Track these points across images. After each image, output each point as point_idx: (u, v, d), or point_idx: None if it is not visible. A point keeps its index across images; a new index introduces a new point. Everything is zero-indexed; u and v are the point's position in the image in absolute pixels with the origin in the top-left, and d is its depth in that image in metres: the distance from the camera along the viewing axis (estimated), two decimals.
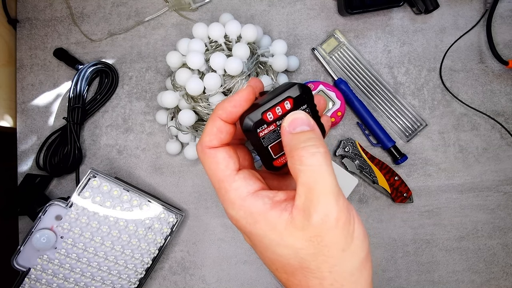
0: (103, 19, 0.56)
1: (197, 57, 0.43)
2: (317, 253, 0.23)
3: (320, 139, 0.24)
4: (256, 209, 0.25)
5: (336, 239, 0.23)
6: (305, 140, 0.24)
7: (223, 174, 0.26)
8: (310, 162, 0.23)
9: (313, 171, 0.23)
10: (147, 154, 0.55)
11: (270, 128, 0.26)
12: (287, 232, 0.24)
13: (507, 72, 0.54)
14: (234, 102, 0.26)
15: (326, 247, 0.23)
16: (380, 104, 0.54)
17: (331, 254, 0.23)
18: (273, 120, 0.26)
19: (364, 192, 0.54)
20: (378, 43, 0.55)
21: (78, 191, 0.48)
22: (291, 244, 0.24)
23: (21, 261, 0.48)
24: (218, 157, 0.26)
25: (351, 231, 0.24)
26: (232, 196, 0.25)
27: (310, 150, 0.23)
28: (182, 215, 0.51)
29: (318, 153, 0.23)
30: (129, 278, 0.50)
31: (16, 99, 0.55)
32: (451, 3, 0.55)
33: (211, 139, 0.26)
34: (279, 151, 0.27)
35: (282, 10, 0.55)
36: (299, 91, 0.26)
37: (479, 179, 0.54)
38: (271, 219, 0.24)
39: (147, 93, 0.55)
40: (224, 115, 0.26)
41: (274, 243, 0.25)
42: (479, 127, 0.54)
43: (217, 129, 0.26)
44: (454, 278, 0.53)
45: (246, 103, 0.26)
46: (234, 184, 0.25)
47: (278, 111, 0.26)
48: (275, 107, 0.26)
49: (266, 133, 0.26)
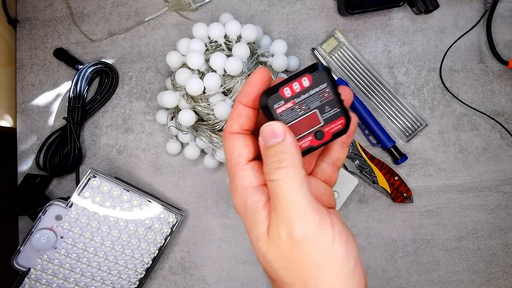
0: (103, 19, 0.56)
1: (197, 57, 0.43)
2: (289, 267, 0.23)
3: (288, 151, 0.23)
4: (250, 203, 0.25)
5: (307, 254, 0.22)
6: (272, 155, 0.24)
7: (236, 161, 0.26)
8: (274, 177, 0.23)
9: (277, 185, 0.23)
10: (147, 154, 0.55)
11: (288, 105, 0.25)
12: (262, 240, 0.24)
13: (507, 72, 0.54)
14: (250, 82, 0.26)
15: (297, 262, 0.23)
16: (380, 104, 0.54)
17: (305, 269, 0.23)
18: (291, 97, 0.25)
19: (364, 192, 0.54)
20: (378, 43, 0.55)
21: (78, 191, 0.48)
22: (264, 253, 0.24)
23: (21, 261, 0.48)
24: (234, 143, 0.26)
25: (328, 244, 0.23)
26: (237, 182, 0.26)
27: (274, 165, 0.23)
28: (182, 215, 0.51)
29: (280, 168, 0.23)
30: (129, 278, 0.50)
31: (16, 99, 0.55)
32: (451, 3, 0.55)
33: (231, 123, 0.26)
34: (299, 133, 0.26)
35: (282, 10, 0.55)
36: (317, 68, 0.25)
37: (479, 179, 0.54)
38: (257, 219, 0.24)
39: (147, 93, 0.55)
40: (243, 98, 0.26)
41: (254, 243, 0.25)
42: (479, 127, 0.54)
43: (237, 114, 0.26)
44: (454, 278, 0.53)
45: (262, 82, 0.26)
46: (242, 172, 0.25)
47: (295, 87, 0.25)
48: (292, 82, 0.25)
49: (283, 110, 0.25)
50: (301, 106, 0.25)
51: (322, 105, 0.26)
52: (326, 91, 0.25)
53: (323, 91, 0.25)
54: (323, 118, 0.26)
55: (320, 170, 0.29)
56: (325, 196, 0.29)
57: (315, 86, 0.25)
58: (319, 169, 0.29)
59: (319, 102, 0.25)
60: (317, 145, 0.26)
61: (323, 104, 0.26)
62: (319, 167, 0.29)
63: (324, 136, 0.26)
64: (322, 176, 0.29)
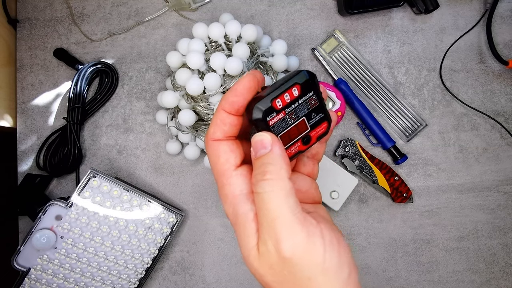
0: (103, 19, 0.56)
1: (197, 57, 0.43)
2: (282, 281, 0.23)
3: (273, 162, 0.23)
4: (240, 213, 0.24)
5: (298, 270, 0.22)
6: (259, 166, 0.24)
7: (222, 168, 0.25)
8: (259, 189, 0.23)
9: (262, 198, 0.23)
10: (147, 154, 0.55)
11: (280, 116, 0.25)
12: (253, 255, 0.23)
13: (507, 72, 0.54)
14: (235, 92, 0.25)
15: (289, 276, 0.22)
16: (380, 104, 0.54)
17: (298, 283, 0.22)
18: (282, 108, 0.25)
19: (364, 192, 0.54)
20: (378, 43, 0.55)
21: (78, 191, 0.48)
22: (256, 268, 0.23)
23: (21, 261, 0.48)
24: (219, 150, 0.25)
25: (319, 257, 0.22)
26: (226, 191, 0.25)
27: (259, 177, 0.23)
28: (182, 215, 0.51)
29: (264, 180, 0.23)
30: (129, 278, 0.50)
31: (16, 99, 0.55)
32: (451, 3, 0.55)
33: (214, 130, 0.26)
34: (289, 141, 0.26)
35: (282, 10, 0.55)
36: (306, 77, 0.25)
37: (479, 179, 0.54)
38: (247, 232, 0.24)
39: (147, 93, 0.55)
40: (226, 106, 0.25)
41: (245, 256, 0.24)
42: (479, 127, 0.54)
43: (220, 121, 0.25)
44: (454, 278, 0.53)
45: (248, 92, 0.25)
46: (231, 179, 0.25)
47: (286, 98, 0.25)
48: (283, 93, 0.25)
49: (275, 122, 0.25)
50: (291, 115, 0.26)
51: (309, 112, 0.26)
52: (313, 98, 0.26)
53: (311, 98, 0.26)
54: (310, 124, 0.27)
55: (302, 164, 0.30)
56: (312, 189, 0.29)
57: (304, 95, 0.26)
58: (301, 163, 0.30)
59: (307, 109, 0.26)
60: (304, 149, 0.27)
61: (310, 111, 0.26)
62: (301, 161, 0.30)
63: (311, 140, 0.27)
64: (305, 170, 0.30)
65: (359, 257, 0.53)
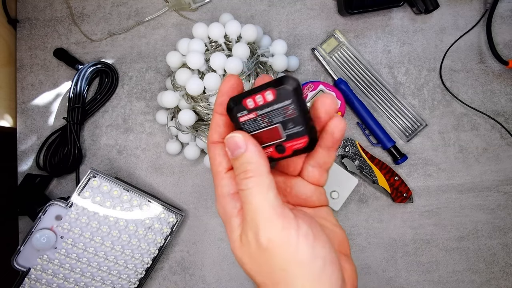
0: (103, 19, 0.56)
1: (197, 57, 0.43)
2: (260, 270, 0.25)
3: (251, 161, 0.24)
4: (227, 210, 0.26)
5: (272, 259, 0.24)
6: (238, 166, 0.25)
7: (217, 169, 0.27)
8: (243, 187, 0.25)
9: (245, 195, 0.24)
10: (147, 154, 0.55)
11: (251, 116, 0.26)
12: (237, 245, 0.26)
13: (507, 72, 0.54)
14: (221, 92, 0.27)
15: (266, 266, 0.24)
16: (380, 104, 0.54)
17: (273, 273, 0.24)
18: (254, 108, 0.25)
19: (364, 192, 0.54)
20: (378, 43, 0.55)
21: (78, 191, 0.48)
22: (239, 257, 0.26)
23: (21, 261, 0.48)
24: (215, 153, 0.27)
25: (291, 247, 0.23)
26: (218, 191, 0.27)
27: (241, 176, 0.25)
28: (182, 215, 0.51)
29: (246, 179, 0.24)
30: (129, 278, 0.50)
31: (16, 99, 0.55)
32: (451, 3, 0.55)
33: (212, 133, 0.27)
34: (260, 144, 0.26)
35: (282, 10, 0.55)
36: (283, 83, 0.24)
37: (479, 179, 0.54)
38: (233, 225, 0.26)
39: (147, 93, 0.55)
40: (218, 108, 0.27)
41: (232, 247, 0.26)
42: (479, 127, 0.54)
43: (215, 123, 0.27)
44: (454, 278, 0.53)
45: (231, 90, 0.27)
46: (222, 181, 0.27)
47: (258, 100, 0.25)
48: (255, 94, 0.25)
49: (246, 120, 0.26)
50: (263, 118, 0.25)
51: (285, 121, 0.25)
52: (290, 108, 0.24)
53: (287, 107, 0.24)
54: (286, 133, 0.26)
55: (306, 173, 0.29)
56: (314, 197, 0.29)
57: (279, 102, 0.24)
58: (306, 171, 0.29)
59: (282, 117, 0.25)
60: (277, 157, 0.27)
61: (286, 120, 0.25)
62: (306, 170, 0.29)
63: (285, 151, 0.26)
64: (310, 179, 0.29)
65: (359, 257, 0.53)
